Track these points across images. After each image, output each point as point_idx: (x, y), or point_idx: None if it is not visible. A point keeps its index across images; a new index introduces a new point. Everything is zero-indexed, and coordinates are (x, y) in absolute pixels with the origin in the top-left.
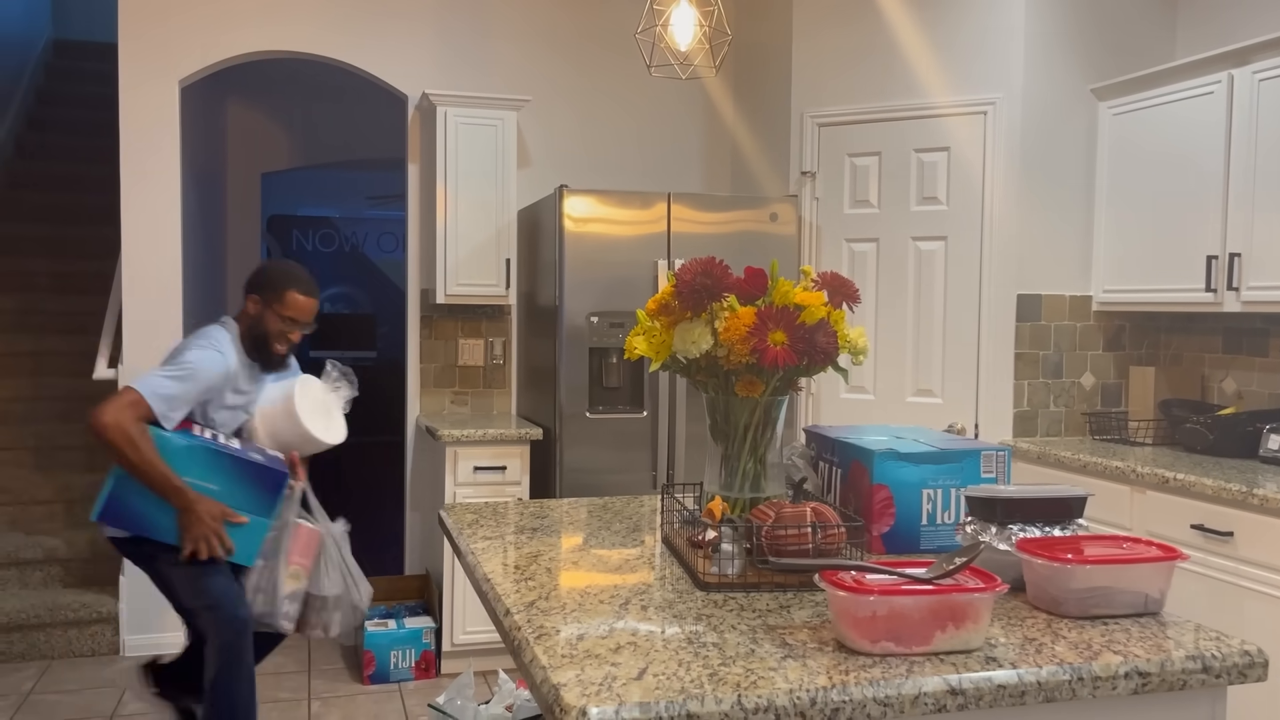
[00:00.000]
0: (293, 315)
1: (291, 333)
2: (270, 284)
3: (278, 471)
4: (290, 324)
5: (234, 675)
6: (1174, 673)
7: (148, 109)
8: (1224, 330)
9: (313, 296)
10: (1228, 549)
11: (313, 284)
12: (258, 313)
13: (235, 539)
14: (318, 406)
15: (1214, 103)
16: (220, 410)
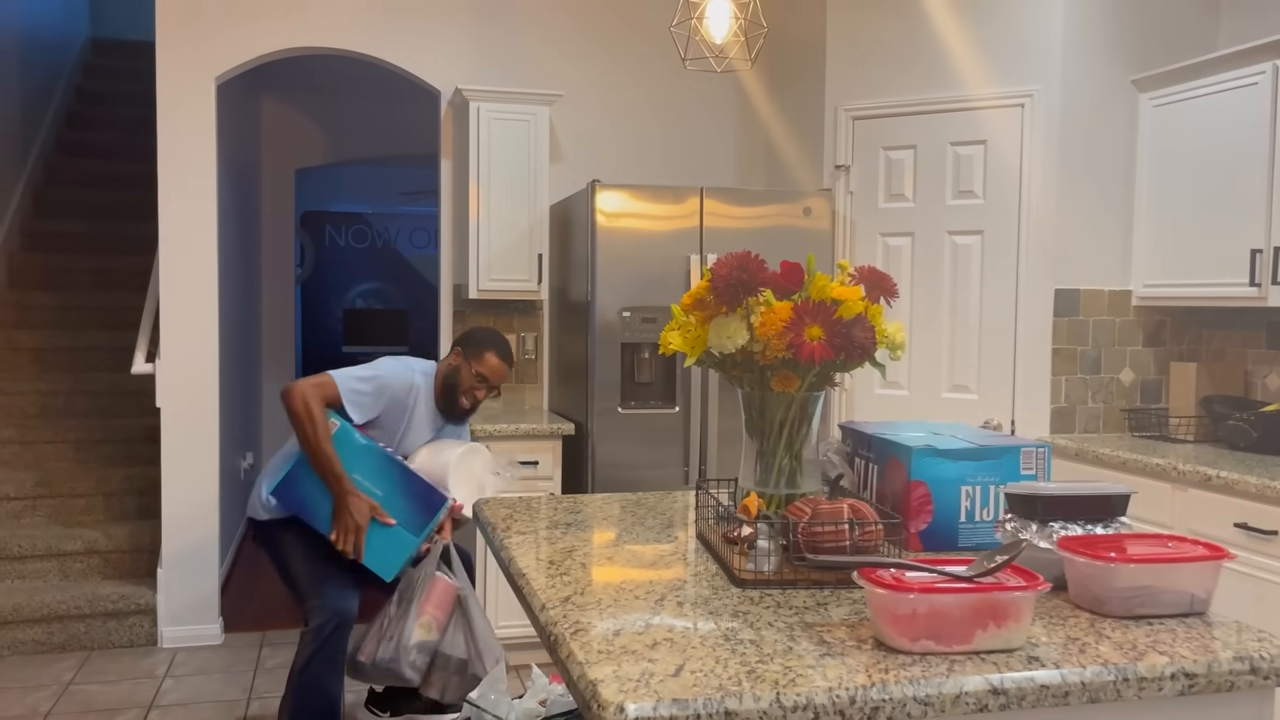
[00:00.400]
0: (484, 374)
1: (479, 390)
2: (475, 343)
3: (438, 494)
4: (480, 381)
5: (328, 666)
6: (1221, 674)
7: (184, 106)
8: (1268, 325)
9: (507, 363)
10: (1272, 548)
11: (510, 354)
12: (456, 364)
13: (381, 547)
14: (471, 476)
15: (1258, 94)
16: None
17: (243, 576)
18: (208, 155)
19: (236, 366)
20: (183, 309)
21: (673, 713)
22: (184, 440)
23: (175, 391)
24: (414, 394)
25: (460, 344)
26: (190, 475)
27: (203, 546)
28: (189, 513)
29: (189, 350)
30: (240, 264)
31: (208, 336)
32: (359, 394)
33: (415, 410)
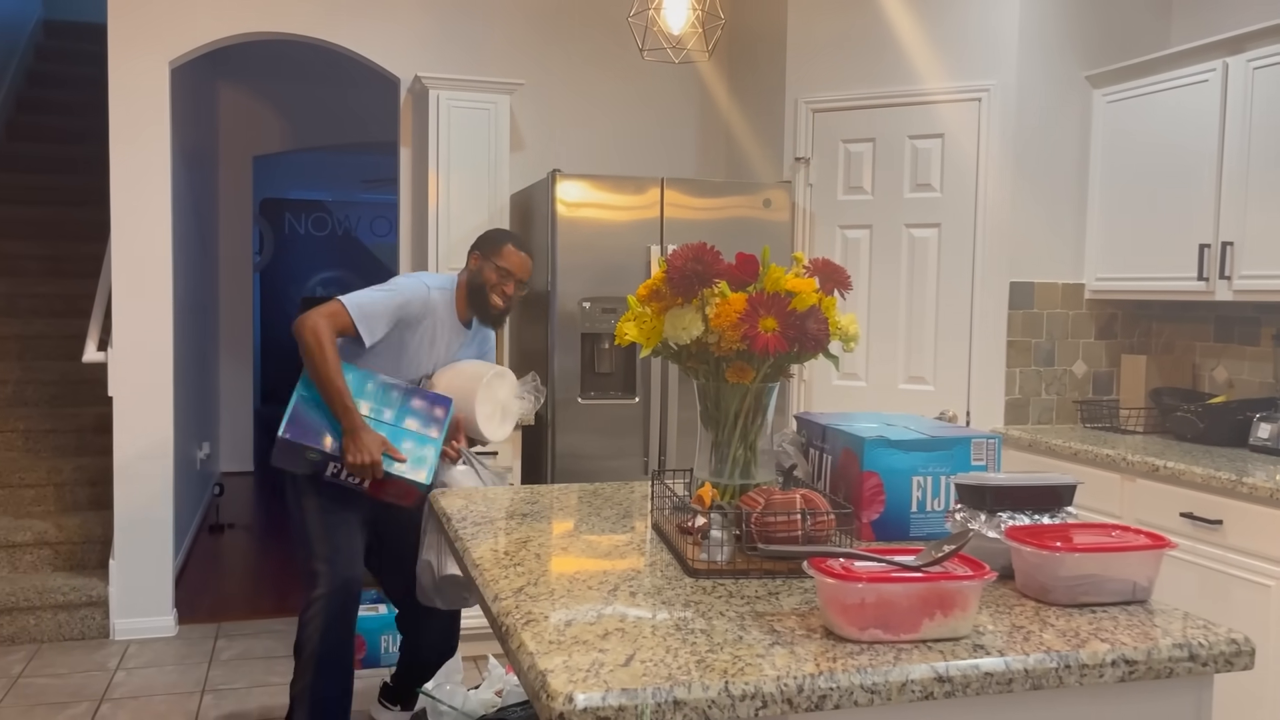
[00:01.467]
0: (508, 267)
1: (506, 285)
2: (490, 240)
3: (439, 397)
4: (505, 275)
5: (337, 636)
6: (1161, 661)
7: (137, 90)
8: (1216, 319)
9: (526, 254)
10: (1217, 537)
11: (527, 245)
12: (477, 267)
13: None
14: (496, 402)
15: (1208, 91)
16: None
17: (198, 567)
18: (161, 140)
19: (192, 355)
20: (136, 296)
21: (621, 702)
22: (137, 430)
23: (128, 380)
24: (430, 308)
25: (476, 247)
26: (143, 465)
27: (156, 537)
28: (142, 503)
29: (142, 338)
30: (196, 251)
31: (162, 324)
32: (370, 316)
33: (436, 327)
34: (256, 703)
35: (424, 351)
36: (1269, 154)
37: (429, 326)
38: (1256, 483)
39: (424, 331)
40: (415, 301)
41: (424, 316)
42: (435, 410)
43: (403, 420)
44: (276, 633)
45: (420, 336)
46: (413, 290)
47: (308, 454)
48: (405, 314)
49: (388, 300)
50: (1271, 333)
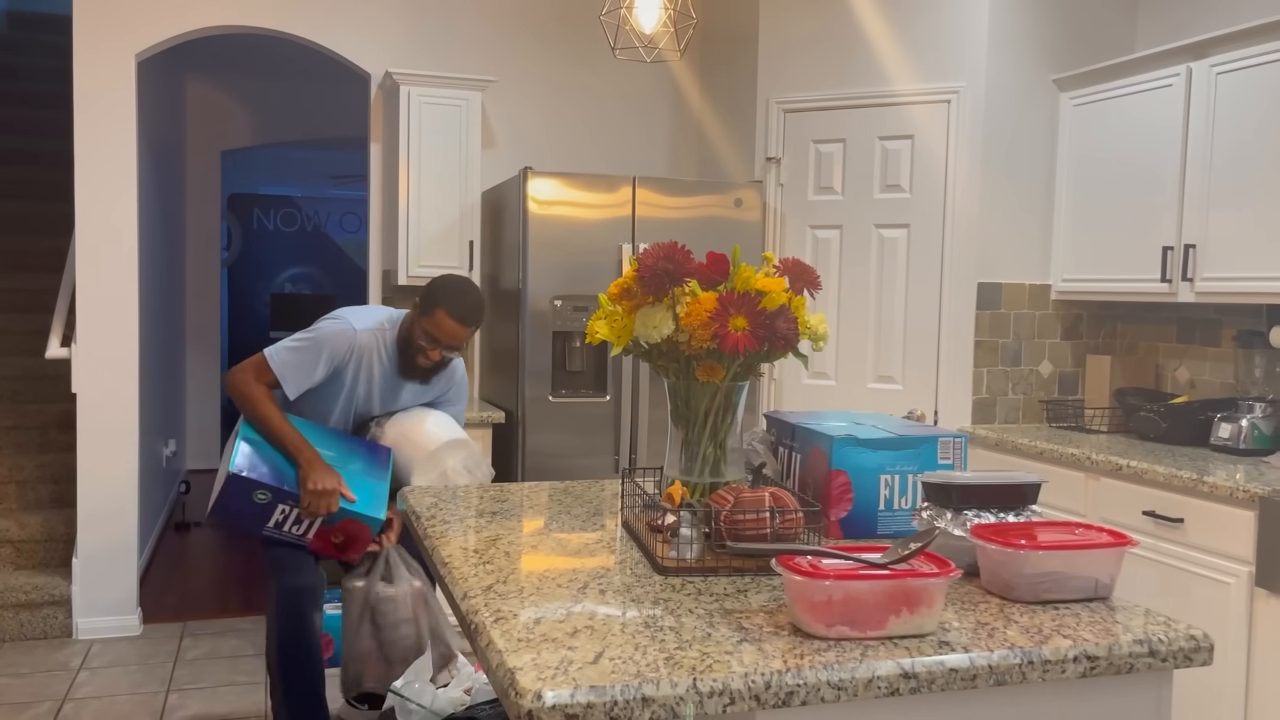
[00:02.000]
0: (434, 333)
1: (431, 350)
2: (429, 298)
3: (379, 446)
4: (430, 341)
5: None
6: (1121, 657)
7: (103, 83)
8: (1178, 320)
9: (465, 325)
10: (1178, 535)
11: (472, 312)
12: (411, 320)
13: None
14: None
15: (1172, 95)
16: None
17: (163, 566)
18: (128, 134)
19: (158, 351)
20: (101, 291)
21: (590, 699)
22: (101, 427)
23: (92, 376)
24: (356, 350)
25: (420, 295)
26: (108, 463)
27: (121, 536)
28: (106, 501)
29: (107, 334)
30: (163, 246)
31: (127, 320)
32: (291, 366)
33: (371, 367)
34: (222, 702)
35: (365, 390)
36: (1231, 158)
37: (364, 368)
38: (1217, 482)
39: (356, 374)
40: (339, 348)
41: (348, 359)
42: (375, 454)
43: (351, 463)
44: (243, 632)
45: (353, 378)
46: (335, 335)
47: (257, 495)
48: (330, 360)
49: (308, 350)
50: (1232, 334)
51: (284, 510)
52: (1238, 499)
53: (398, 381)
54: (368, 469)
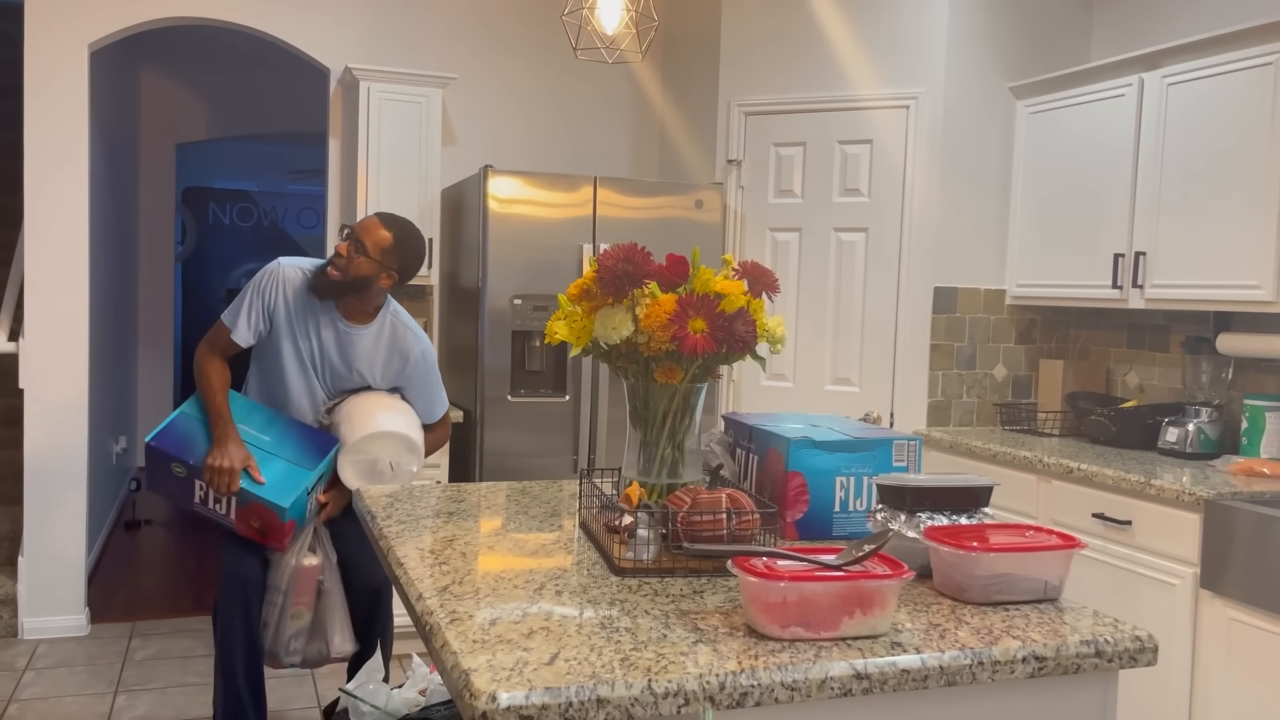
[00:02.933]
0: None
1: (339, 244)
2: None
3: (329, 437)
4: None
5: (228, 632)
6: (1069, 657)
7: (54, 73)
8: (1129, 326)
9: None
10: (1126, 537)
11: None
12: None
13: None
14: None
15: (1125, 105)
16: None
17: (112, 565)
18: (79, 125)
19: (109, 346)
20: (50, 285)
21: (545, 701)
22: (49, 423)
23: (40, 371)
24: (281, 282)
25: None
26: (56, 459)
27: (68, 534)
28: (54, 499)
29: (56, 328)
30: (115, 239)
31: (77, 314)
32: (234, 312)
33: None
34: (171, 703)
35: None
36: (1181, 168)
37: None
38: (1164, 485)
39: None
40: (264, 281)
41: (277, 293)
42: (317, 443)
43: (282, 449)
44: (194, 631)
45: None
46: (262, 272)
47: (174, 467)
48: (262, 295)
49: (244, 292)
50: (1180, 340)
51: (202, 486)
52: (1184, 502)
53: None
54: (298, 456)
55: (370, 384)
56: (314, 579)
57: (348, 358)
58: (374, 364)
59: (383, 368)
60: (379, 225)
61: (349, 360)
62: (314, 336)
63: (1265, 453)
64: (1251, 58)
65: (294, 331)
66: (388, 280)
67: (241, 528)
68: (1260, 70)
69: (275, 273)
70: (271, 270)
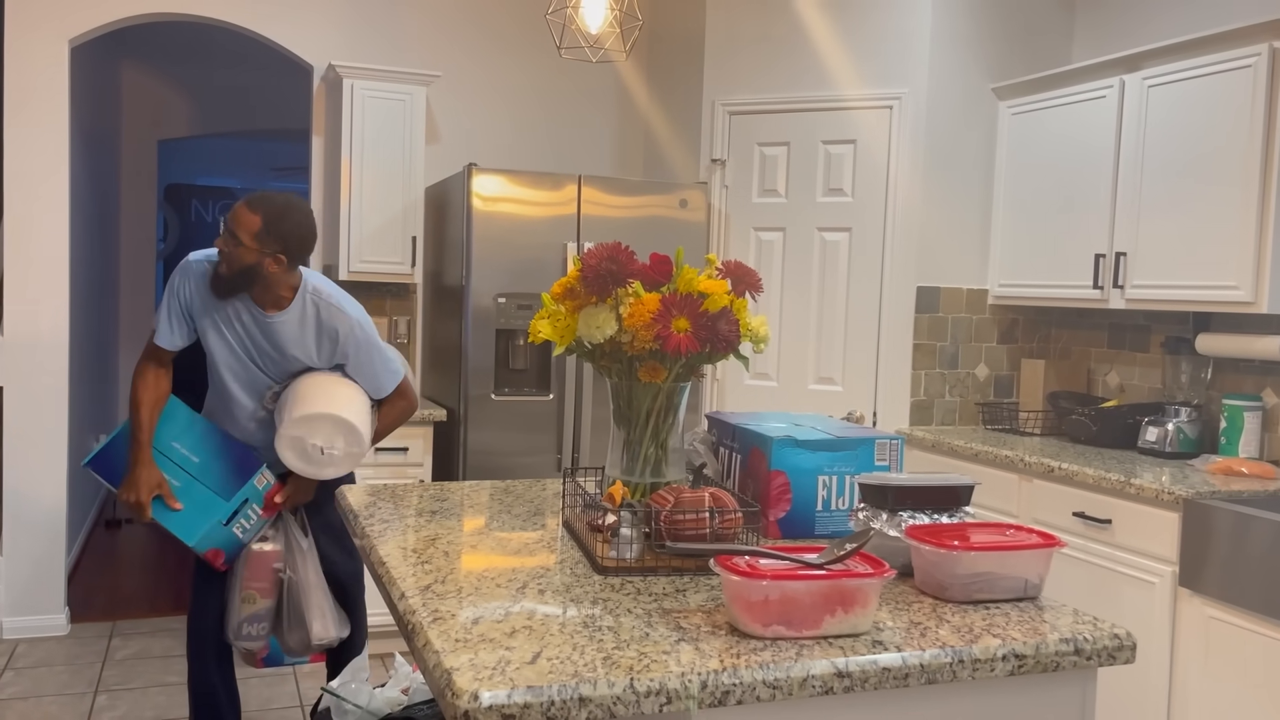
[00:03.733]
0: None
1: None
2: None
3: (254, 459)
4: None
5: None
6: (1048, 655)
7: (34, 68)
8: (1109, 326)
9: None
10: (1106, 535)
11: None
12: None
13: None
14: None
15: (1106, 106)
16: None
17: (93, 564)
18: (59, 122)
19: (90, 342)
20: (30, 281)
21: (527, 700)
22: (29, 420)
23: (20, 368)
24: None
25: None
26: (35, 457)
27: (48, 532)
28: (33, 497)
29: (36, 324)
30: (96, 236)
31: (57, 311)
32: (159, 318)
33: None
34: (152, 703)
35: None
36: (1161, 169)
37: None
38: (1143, 484)
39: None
40: (176, 280)
41: (187, 286)
42: (245, 466)
43: (206, 474)
44: (174, 631)
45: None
46: (175, 271)
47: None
48: (178, 294)
49: (167, 301)
50: (1160, 340)
51: None
52: (1163, 501)
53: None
54: (220, 483)
55: (311, 366)
56: (269, 565)
57: (277, 345)
58: (306, 347)
59: (315, 349)
60: (246, 210)
61: (280, 347)
62: (237, 324)
63: (1244, 452)
64: (1231, 60)
65: (217, 323)
66: (275, 265)
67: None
68: (1240, 73)
69: (185, 268)
70: (181, 267)
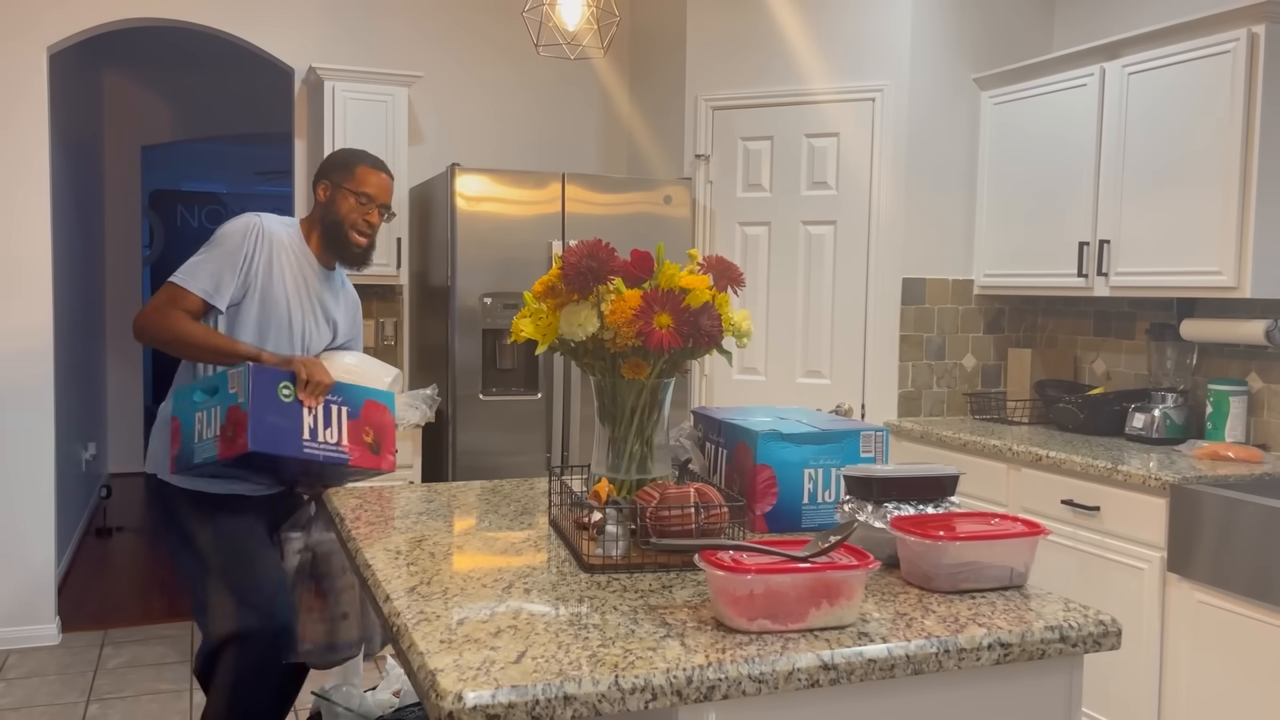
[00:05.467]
0: (367, 192)
1: (369, 213)
2: (338, 164)
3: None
4: (366, 202)
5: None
6: (1034, 643)
7: (12, 77)
8: (1095, 314)
9: (385, 173)
10: (1095, 523)
11: (383, 162)
12: (328, 198)
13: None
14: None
15: (1087, 94)
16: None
17: (83, 573)
18: (39, 129)
19: (77, 351)
20: (12, 290)
21: (511, 699)
22: (15, 429)
23: (4, 378)
24: (268, 239)
25: (320, 176)
26: (22, 466)
27: (37, 542)
28: (21, 506)
29: (19, 334)
30: (80, 243)
31: (41, 319)
32: (208, 274)
33: (293, 264)
34: (144, 711)
35: (295, 302)
36: (1142, 156)
37: (281, 266)
38: (1130, 470)
39: (278, 274)
40: (249, 235)
41: (257, 249)
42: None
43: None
44: (167, 638)
45: (278, 282)
46: (238, 226)
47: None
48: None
49: (216, 248)
50: (1145, 327)
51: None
52: (1150, 487)
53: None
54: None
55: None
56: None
57: (326, 309)
58: (338, 311)
59: (343, 316)
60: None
61: (328, 312)
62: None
63: (1230, 436)
64: (1210, 45)
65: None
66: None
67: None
68: (1219, 58)
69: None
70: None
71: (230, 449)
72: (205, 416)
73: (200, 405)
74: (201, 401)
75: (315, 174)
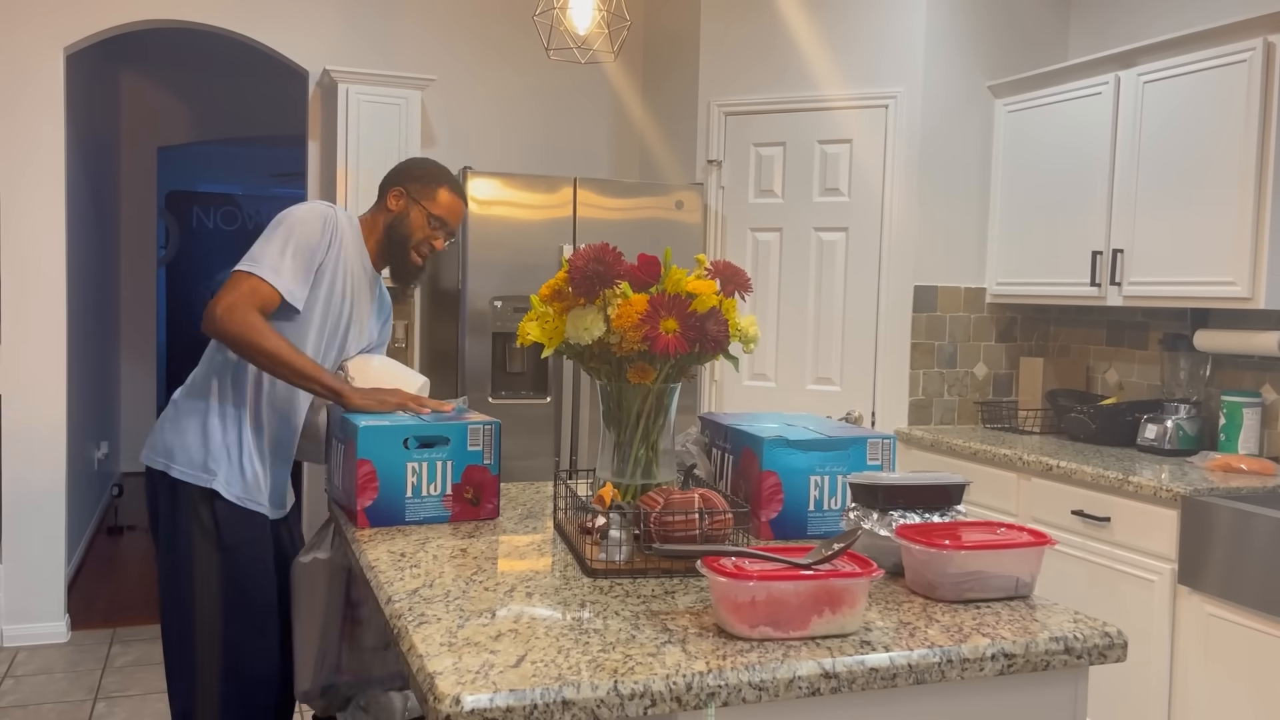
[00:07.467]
0: (442, 216)
1: (436, 238)
2: (420, 176)
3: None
4: (439, 226)
5: None
6: (1038, 654)
7: (28, 78)
8: (1108, 323)
9: (463, 200)
10: (1105, 534)
11: (463, 187)
12: (402, 209)
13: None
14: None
15: (1102, 103)
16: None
17: (94, 571)
18: (55, 130)
19: (90, 350)
20: (26, 289)
21: (510, 703)
22: (27, 427)
23: (17, 375)
24: (335, 229)
25: (397, 182)
26: (34, 464)
27: (47, 540)
28: (33, 504)
29: (33, 332)
30: (95, 243)
31: (54, 318)
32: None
33: (344, 263)
34: (151, 710)
35: (350, 304)
36: (1157, 165)
37: (346, 266)
38: (1142, 481)
39: (339, 271)
40: (327, 227)
41: (334, 244)
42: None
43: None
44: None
45: (336, 279)
46: (316, 215)
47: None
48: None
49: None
50: (1158, 337)
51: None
52: (1161, 498)
53: (368, 288)
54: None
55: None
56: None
57: (372, 314)
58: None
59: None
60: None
61: (372, 317)
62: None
63: (1243, 449)
64: (1226, 55)
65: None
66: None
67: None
68: (1235, 67)
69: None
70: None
71: (473, 512)
72: (425, 470)
73: (418, 456)
74: (420, 453)
75: (389, 177)
